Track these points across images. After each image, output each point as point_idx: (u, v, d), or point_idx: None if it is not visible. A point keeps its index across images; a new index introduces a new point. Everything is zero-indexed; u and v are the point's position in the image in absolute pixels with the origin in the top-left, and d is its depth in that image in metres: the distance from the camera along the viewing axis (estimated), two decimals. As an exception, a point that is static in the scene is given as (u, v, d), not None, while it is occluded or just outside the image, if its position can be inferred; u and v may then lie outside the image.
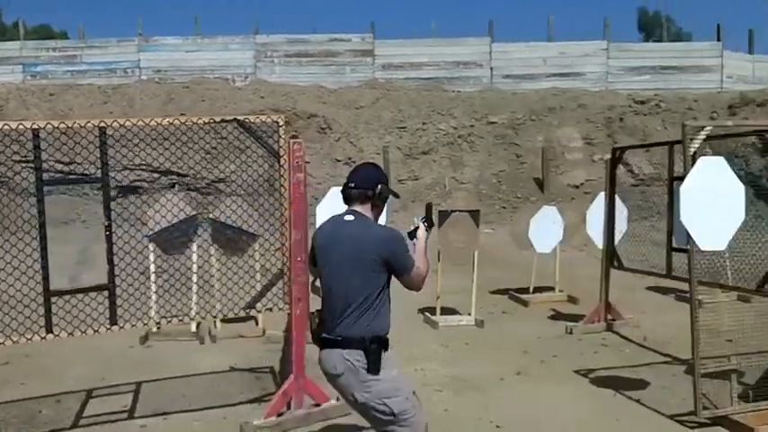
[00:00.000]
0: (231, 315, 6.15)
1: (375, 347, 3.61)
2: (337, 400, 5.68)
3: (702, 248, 5.21)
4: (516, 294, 10.33)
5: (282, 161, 5.55)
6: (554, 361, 7.18)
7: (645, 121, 20.56)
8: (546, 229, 10.05)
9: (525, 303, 9.96)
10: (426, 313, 8.97)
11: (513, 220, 11.17)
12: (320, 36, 23.67)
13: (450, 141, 20.33)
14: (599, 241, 8.61)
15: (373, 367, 3.57)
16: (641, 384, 6.35)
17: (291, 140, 5.43)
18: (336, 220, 3.84)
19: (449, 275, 10.19)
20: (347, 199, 3.83)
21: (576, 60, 23.20)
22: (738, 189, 5.16)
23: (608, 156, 8.06)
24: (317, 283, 3.74)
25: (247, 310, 5.90)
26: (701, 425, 5.34)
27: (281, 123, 5.60)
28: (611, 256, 8.12)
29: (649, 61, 23.91)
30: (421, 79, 23.10)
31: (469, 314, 8.85)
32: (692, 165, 5.10)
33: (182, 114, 20.58)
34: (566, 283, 10.43)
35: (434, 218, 4.24)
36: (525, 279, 10.38)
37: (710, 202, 5.04)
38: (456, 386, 6.34)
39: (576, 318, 8.84)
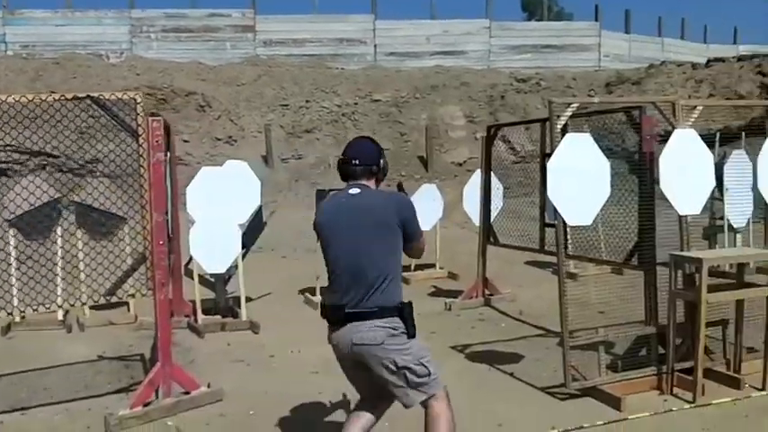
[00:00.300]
0: (103, 302, 5.84)
1: (409, 311, 3.68)
2: (208, 386, 5.51)
3: (569, 224, 5.28)
4: (398, 272, 10.32)
5: (141, 140, 5.26)
6: (432, 338, 7.16)
7: (526, 99, 20.92)
8: (426, 206, 10.04)
9: (406, 281, 9.95)
10: (306, 294, 8.83)
11: (393, 198, 11.10)
12: (199, 11, 22.99)
13: (333, 119, 20.14)
14: (476, 218, 8.67)
15: (412, 331, 3.66)
16: (515, 358, 6.41)
17: (150, 118, 5.16)
18: (340, 195, 3.82)
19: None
20: (350, 175, 3.81)
21: (458, 39, 23.41)
22: (604, 165, 5.24)
23: (483, 134, 8.09)
24: (191, 265, 3.65)
25: (108, 297, 5.60)
26: (572, 396, 5.43)
27: (139, 101, 5.31)
28: (487, 233, 8.18)
29: (530, 40, 24.37)
30: (304, 56, 22.82)
31: (350, 293, 8.75)
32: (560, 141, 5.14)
33: (51, 92, 19.63)
34: (446, 260, 10.50)
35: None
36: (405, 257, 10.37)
37: (577, 177, 5.08)
38: (330, 367, 6.19)
39: (455, 294, 8.90)
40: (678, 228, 5.68)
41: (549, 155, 5.29)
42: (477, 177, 8.67)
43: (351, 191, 3.77)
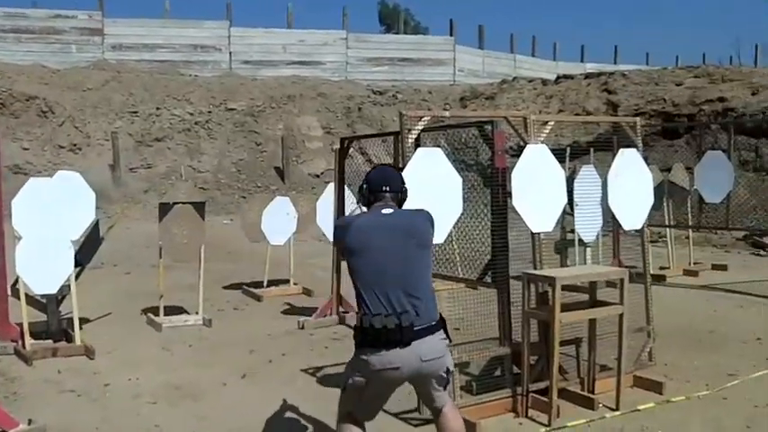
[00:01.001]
0: None
1: (445, 320, 3.83)
2: (29, 423, 4.94)
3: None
4: (249, 289, 9.90)
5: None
6: (282, 360, 6.82)
7: (382, 111, 20.95)
8: (279, 219, 9.71)
9: (258, 298, 9.56)
10: (149, 314, 8.27)
11: (244, 212, 10.69)
12: (42, 11, 21.76)
13: (186, 128, 19.46)
14: (329, 232, 8.38)
15: (450, 338, 3.83)
16: (368, 381, 6.14)
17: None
18: (374, 214, 3.87)
19: (178, 271, 9.59)
20: (378, 200, 3.90)
21: (315, 49, 23.21)
22: (456, 181, 5.07)
23: (337, 146, 7.83)
24: (18, 285, 3.29)
25: None
26: (427, 421, 5.21)
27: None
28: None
29: (388, 53, 24.48)
30: (155, 62, 22.01)
31: (197, 313, 8.27)
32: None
33: None
34: (301, 276, 10.17)
35: None
36: (261, 272, 9.99)
37: (428, 193, 4.87)
38: (172, 396, 5.76)
39: (310, 311, 8.57)
40: (530, 243, 5.59)
41: (401, 169, 5.07)
42: (330, 190, 8.39)
43: (384, 210, 3.84)
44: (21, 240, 6.54)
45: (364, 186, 3.95)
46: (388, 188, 3.90)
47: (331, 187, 8.40)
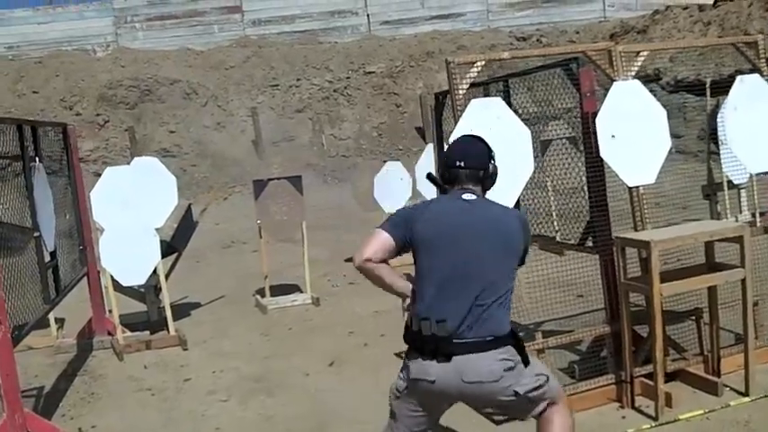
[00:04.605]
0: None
1: (518, 337, 3.10)
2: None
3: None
4: (369, 261, 9.47)
5: None
6: (379, 342, 6.31)
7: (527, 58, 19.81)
8: (392, 186, 9.17)
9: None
10: (257, 296, 8.01)
11: (354, 180, 10.22)
12: (182, -5, 22.09)
13: (325, 96, 19.24)
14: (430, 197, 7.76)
15: (527, 358, 3.08)
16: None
17: None
18: (451, 199, 3.17)
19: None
20: (454, 180, 3.19)
21: (455, 0, 22.25)
22: (523, 134, 4.31)
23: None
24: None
25: None
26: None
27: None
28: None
29: (530, -5, 23.15)
30: (295, 32, 21.87)
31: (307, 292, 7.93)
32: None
33: (34, 92, 19.01)
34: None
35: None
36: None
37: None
38: (247, 391, 5.41)
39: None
40: (630, 202, 4.73)
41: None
42: (429, 153, 7.73)
43: (465, 196, 3.13)
44: (103, 233, 6.39)
45: (443, 161, 3.31)
46: (462, 163, 3.17)
47: (430, 149, 7.75)
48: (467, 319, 2.94)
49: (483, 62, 4.28)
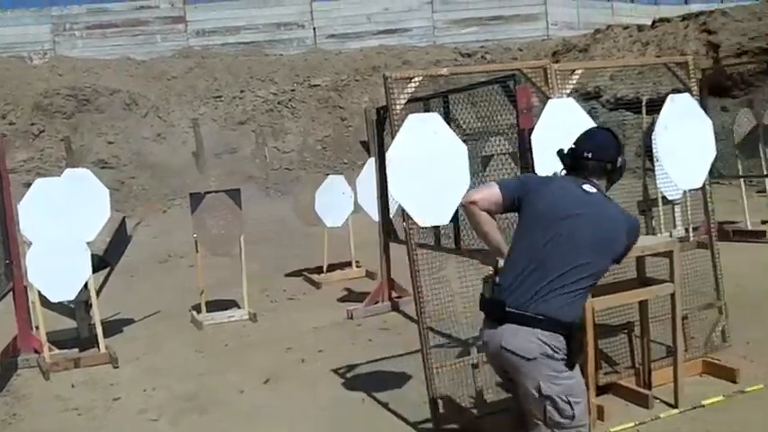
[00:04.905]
0: None
1: (579, 336, 3.17)
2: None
3: (421, 225, 4.35)
4: (310, 275, 9.39)
5: None
6: (316, 358, 6.24)
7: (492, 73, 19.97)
8: (333, 200, 9.12)
9: (318, 285, 9.03)
10: (193, 311, 7.86)
11: (296, 194, 10.14)
12: (124, 4, 21.74)
13: (269, 108, 19.12)
14: (373, 212, 7.74)
15: (573, 358, 3.03)
16: (400, 380, 5.46)
17: None
18: (573, 184, 3.22)
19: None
20: (582, 169, 3.25)
21: (400, 16, 22.37)
22: (459, 149, 4.31)
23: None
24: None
25: None
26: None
27: None
28: (386, 229, 7.27)
29: (476, 12, 23.35)
30: (240, 44, 21.74)
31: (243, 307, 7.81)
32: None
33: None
34: (364, 257, 9.55)
35: None
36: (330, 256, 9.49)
37: (427, 167, 4.15)
38: (178, 410, 5.28)
39: (366, 297, 7.96)
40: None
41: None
42: (370, 167, 7.71)
43: (585, 186, 3.20)
44: (31, 246, 6.20)
45: (569, 148, 3.34)
46: (590, 155, 3.24)
47: (370, 163, 7.73)
48: (532, 295, 3.00)
49: (420, 77, 4.27)
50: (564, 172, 3.33)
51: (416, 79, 4.24)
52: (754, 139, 9.77)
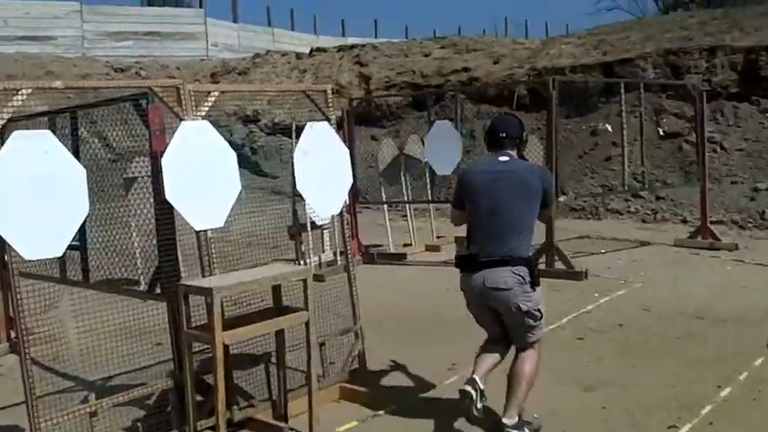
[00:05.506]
0: None
1: (535, 264, 4.38)
2: None
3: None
4: None
5: None
6: None
7: (123, 90, 19.11)
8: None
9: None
10: None
11: None
12: None
13: None
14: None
15: (536, 280, 4.17)
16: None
17: None
18: (489, 161, 4.39)
19: None
20: (499, 145, 4.34)
21: (41, 23, 20.80)
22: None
23: None
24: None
25: None
26: None
27: None
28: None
29: (133, 26, 22.55)
30: None
31: None
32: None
33: None
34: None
35: None
36: None
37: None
38: None
39: None
40: (197, 246, 4.52)
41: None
42: None
43: (500, 158, 4.31)
44: None
45: (487, 131, 4.51)
46: (505, 134, 4.34)
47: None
48: (496, 245, 4.14)
49: (30, 90, 3.76)
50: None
51: (24, 92, 3.72)
52: (397, 167, 10.33)
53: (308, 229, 8.75)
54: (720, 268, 8.48)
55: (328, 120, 5.13)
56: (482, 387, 4.02)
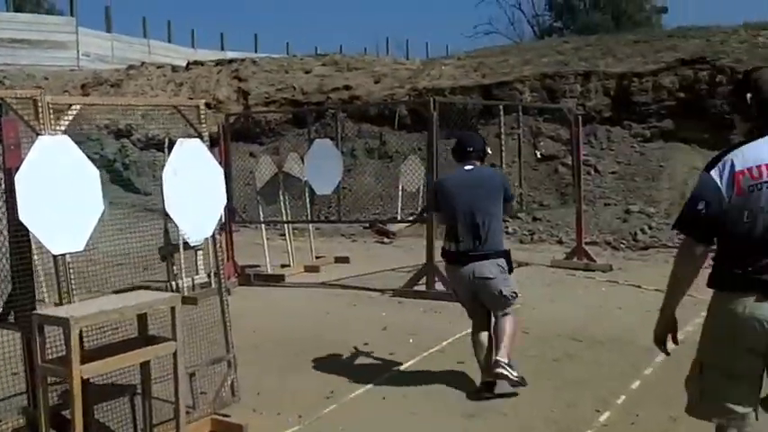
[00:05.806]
0: None
1: (509, 254, 5.24)
2: None
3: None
4: None
5: None
6: None
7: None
8: None
9: None
10: None
11: None
12: None
13: None
14: None
15: (511, 268, 5.18)
16: None
17: None
18: (460, 171, 5.34)
19: None
20: (467, 158, 5.31)
21: None
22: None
23: None
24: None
25: None
26: None
27: None
28: None
29: (-3, 33, 21.41)
30: None
31: None
32: None
33: None
34: None
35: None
36: None
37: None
38: None
39: None
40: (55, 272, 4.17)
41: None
42: None
43: (467, 167, 5.29)
44: None
45: (455, 146, 5.39)
46: (472, 149, 5.30)
47: None
48: (480, 242, 5.05)
49: None
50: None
51: None
52: (275, 185, 10.08)
53: (181, 249, 8.38)
54: (596, 289, 8.65)
55: (201, 136, 4.88)
56: (505, 361, 4.90)
